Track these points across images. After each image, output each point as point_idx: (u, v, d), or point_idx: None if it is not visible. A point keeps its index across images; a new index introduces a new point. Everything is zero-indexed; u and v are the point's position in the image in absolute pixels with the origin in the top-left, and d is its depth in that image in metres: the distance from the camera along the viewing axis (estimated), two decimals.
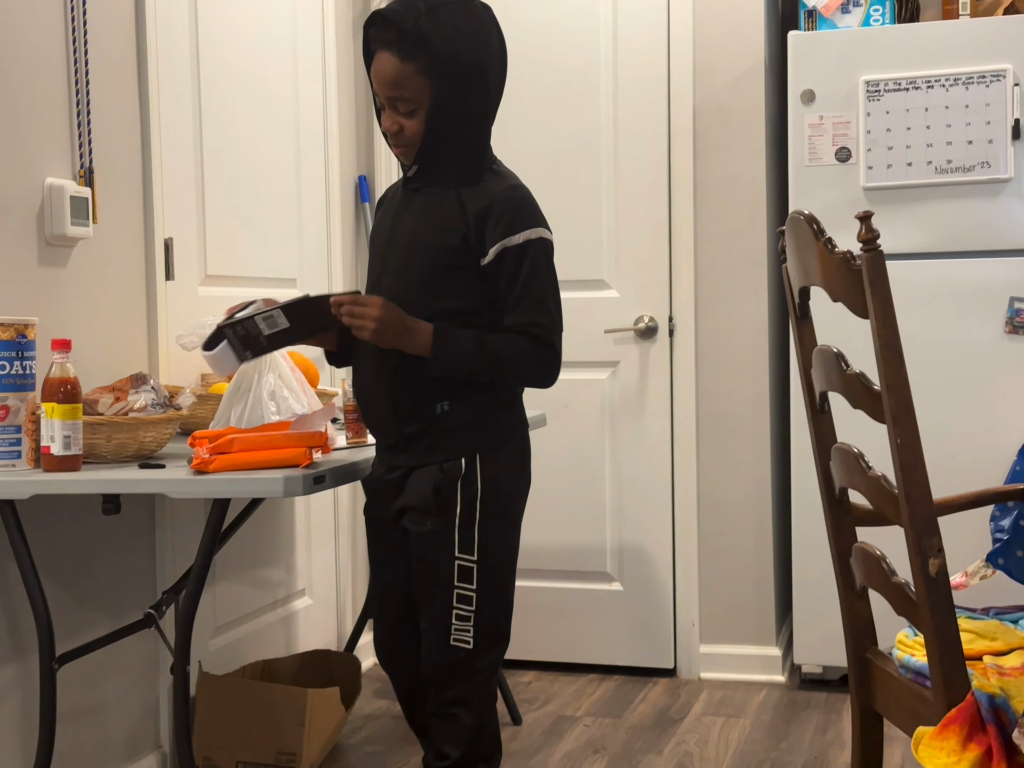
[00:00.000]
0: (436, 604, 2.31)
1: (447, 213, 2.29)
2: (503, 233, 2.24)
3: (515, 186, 2.32)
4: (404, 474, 2.34)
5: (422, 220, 2.33)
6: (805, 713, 3.54)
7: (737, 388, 3.85)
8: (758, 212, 3.82)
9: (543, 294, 2.27)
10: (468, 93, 2.29)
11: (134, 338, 2.95)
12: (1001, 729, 1.77)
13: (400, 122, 2.30)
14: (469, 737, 2.30)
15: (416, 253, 2.31)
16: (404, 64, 2.25)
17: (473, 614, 2.29)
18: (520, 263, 2.25)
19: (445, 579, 2.29)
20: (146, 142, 2.97)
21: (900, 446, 1.80)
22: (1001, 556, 2.48)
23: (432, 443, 2.30)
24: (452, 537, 2.28)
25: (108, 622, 2.80)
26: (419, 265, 2.30)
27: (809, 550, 3.62)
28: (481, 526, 2.29)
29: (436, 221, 2.30)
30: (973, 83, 3.40)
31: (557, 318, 2.31)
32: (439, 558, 2.29)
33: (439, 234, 2.28)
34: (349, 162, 4.02)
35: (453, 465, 2.28)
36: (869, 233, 1.80)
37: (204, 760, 3.00)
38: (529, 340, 2.26)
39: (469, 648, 2.29)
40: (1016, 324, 3.38)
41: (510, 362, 2.27)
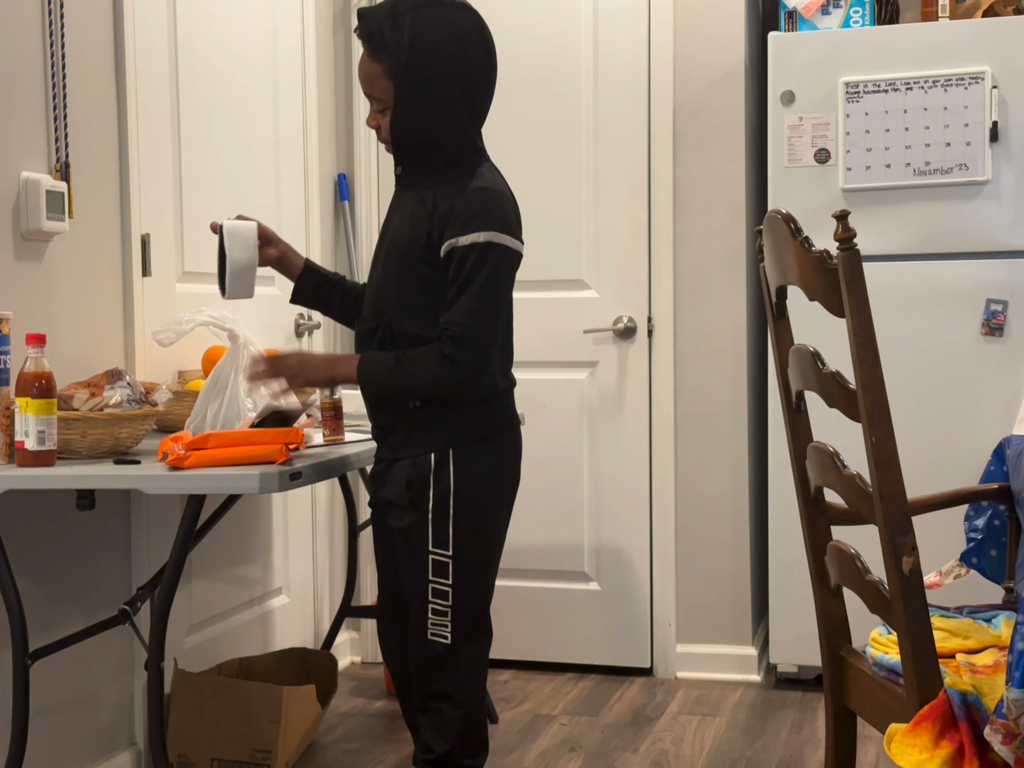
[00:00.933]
0: (415, 598, 2.33)
1: (421, 212, 2.31)
2: (456, 232, 2.25)
3: (486, 188, 2.31)
4: (386, 467, 2.38)
5: (403, 218, 2.36)
6: (780, 712, 3.55)
7: (715, 388, 3.86)
8: (737, 213, 3.82)
9: (475, 296, 2.25)
10: (428, 97, 2.30)
11: (110, 334, 2.94)
12: (973, 726, 1.78)
13: (378, 119, 2.37)
14: (455, 731, 2.32)
15: (395, 250, 2.35)
16: (372, 64, 2.32)
17: (450, 609, 2.30)
18: (463, 265, 2.25)
19: (421, 573, 2.30)
20: (123, 137, 2.96)
21: (875, 445, 1.80)
22: (975, 555, 2.49)
23: (405, 438, 2.33)
24: (426, 532, 2.30)
25: (82, 618, 2.78)
26: (394, 262, 2.35)
27: (786, 550, 3.63)
28: (455, 521, 2.29)
29: (412, 220, 2.33)
30: (952, 85, 3.42)
31: (484, 321, 2.27)
32: (415, 552, 2.32)
33: (412, 232, 2.31)
34: (328, 160, 4.01)
35: (424, 460, 2.30)
36: (845, 232, 1.81)
37: (179, 757, 2.99)
38: (438, 343, 2.26)
39: (447, 643, 2.30)
40: (992, 326, 3.40)
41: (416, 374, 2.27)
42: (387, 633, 2.54)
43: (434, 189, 2.31)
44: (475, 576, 2.34)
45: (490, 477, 2.35)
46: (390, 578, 2.50)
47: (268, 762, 2.98)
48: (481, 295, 2.25)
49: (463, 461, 2.30)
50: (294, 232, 3.78)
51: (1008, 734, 1.69)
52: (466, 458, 2.31)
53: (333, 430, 2.66)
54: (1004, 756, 1.70)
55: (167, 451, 2.28)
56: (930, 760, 1.75)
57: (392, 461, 2.36)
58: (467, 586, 2.32)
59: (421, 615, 2.32)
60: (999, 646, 2.07)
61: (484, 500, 2.34)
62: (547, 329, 3.97)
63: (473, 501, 2.31)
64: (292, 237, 3.77)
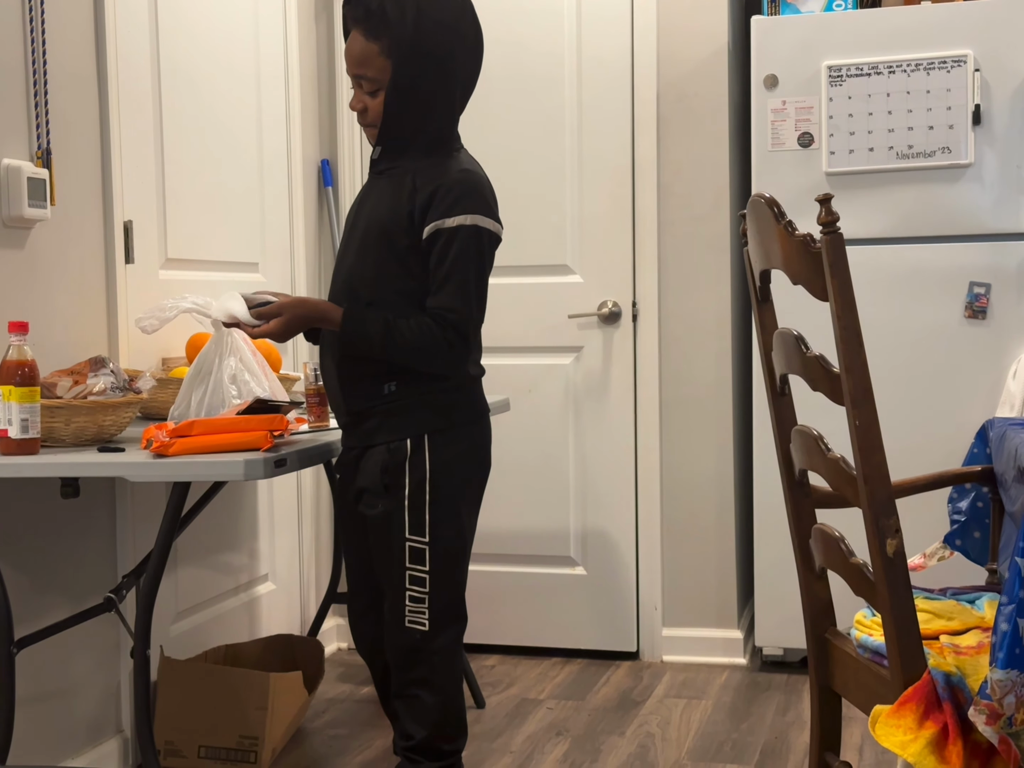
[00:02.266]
0: (391, 586, 2.32)
1: (401, 195, 2.30)
2: (440, 214, 2.25)
3: (468, 171, 2.31)
4: (359, 455, 2.36)
5: (381, 202, 2.34)
6: (766, 695, 3.56)
7: (700, 373, 3.86)
8: (721, 197, 3.83)
9: (466, 281, 2.26)
10: (428, 78, 2.29)
11: (93, 321, 2.93)
12: (957, 707, 1.79)
13: (365, 101, 2.33)
14: (433, 718, 2.31)
15: (372, 234, 2.33)
16: (368, 43, 2.27)
17: (427, 596, 2.30)
18: (449, 246, 2.25)
19: (397, 561, 2.30)
20: (104, 123, 2.95)
21: (858, 428, 1.81)
22: (959, 537, 2.50)
23: (379, 423, 2.32)
24: (403, 519, 2.29)
25: (68, 606, 2.78)
26: (373, 246, 2.32)
27: (771, 534, 3.65)
28: (432, 508, 2.29)
29: (391, 203, 2.31)
30: (934, 68, 3.42)
31: (475, 307, 2.29)
32: (391, 540, 2.31)
33: (392, 216, 2.30)
34: (312, 146, 4.00)
35: (399, 446, 2.29)
36: (829, 216, 1.81)
37: (166, 744, 2.99)
38: (438, 325, 2.25)
39: (425, 630, 2.30)
40: (975, 309, 3.41)
41: (416, 347, 2.26)
42: (360, 624, 2.52)
43: (413, 173, 2.30)
44: (451, 562, 2.34)
45: (464, 463, 2.35)
46: (361, 568, 2.47)
47: (255, 748, 2.98)
48: (474, 281, 2.27)
49: (438, 447, 2.30)
50: (277, 219, 3.77)
51: (992, 715, 1.70)
52: (441, 444, 2.30)
53: (318, 416, 2.65)
54: (988, 736, 1.72)
55: (151, 438, 2.28)
56: (914, 741, 1.76)
57: (365, 448, 2.34)
58: (443, 573, 2.31)
59: (398, 603, 2.31)
60: (983, 627, 2.08)
61: (459, 486, 2.35)
62: (532, 314, 3.97)
63: (448, 487, 2.31)
64: (276, 223, 3.76)
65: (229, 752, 2.99)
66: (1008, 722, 1.69)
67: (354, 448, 2.38)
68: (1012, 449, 2.23)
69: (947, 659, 1.89)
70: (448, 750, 2.35)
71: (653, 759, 3.09)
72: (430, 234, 2.26)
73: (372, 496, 2.33)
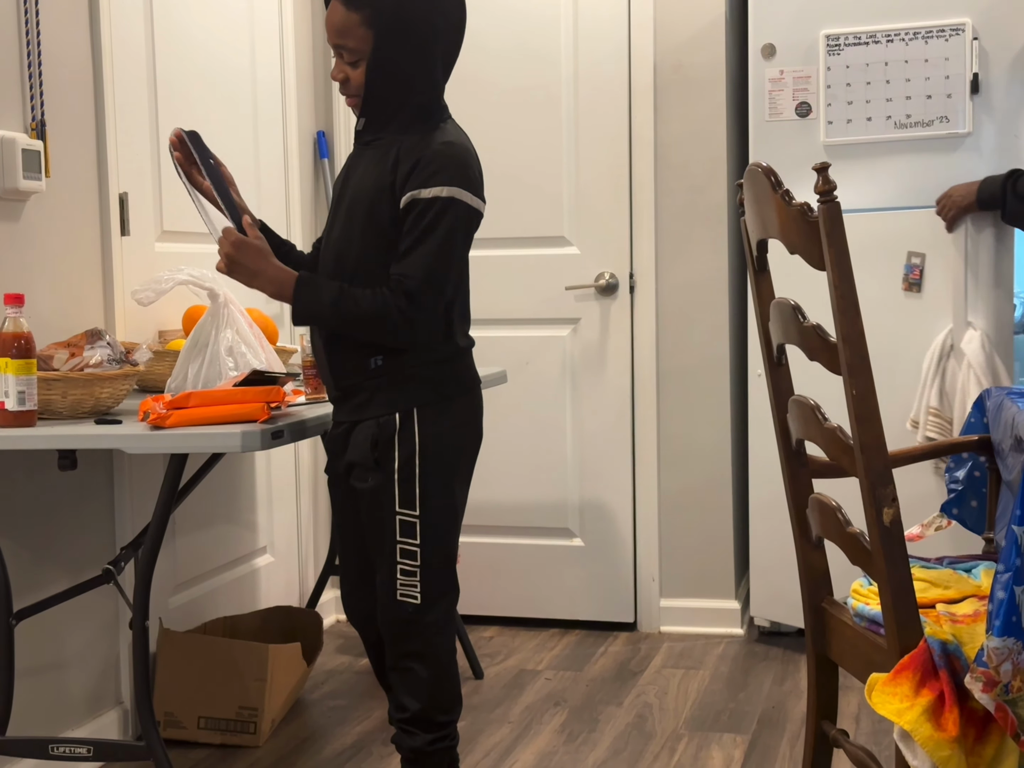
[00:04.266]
0: (383, 560, 2.32)
1: (385, 167, 2.27)
2: (419, 184, 2.22)
3: (450, 143, 2.27)
4: (348, 430, 2.35)
5: (367, 175, 2.32)
6: (763, 664, 3.58)
7: (697, 344, 3.86)
8: (718, 168, 3.81)
9: (430, 252, 2.22)
10: (410, 48, 2.27)
11: (89, 293, 2.92)
12: (953, 675, 1.80)
13: (346, 71, 2.31)
14: (427, 690, 2.32)
15: (357, 206, 2.31)
16: (349, 13, 2.24)
17: (418, 568, 2.29)
18: (422, 217, 2.21)
19: (388, 535, 2.29)
20: (99, 95, 2.93)
21: (855, 397, 1.81)
22: (955, 507, 2.51)
23: (368, 398, 2.30)
24: (392, 492, 2.28)
25: (67, 578, 2.78)
26: (359, 218, 2.30)
27: (767, 505, 3.65)
28: (422, 481, 2.28)
29: (375, 175, 2.29)
30: (932, 37, 3.41)
31: (436, 278, 2.24)
32: (382, 514, 2.30)
33: (376, 187, 2.27)
34: (307, 117, 3.98)
35: (388, 420, 2.28)
36: (826, 184, 1.80)
37: (165, 715, 3.00)
38: (391, 292, 2.22)
39: (417, 603, 2.30)
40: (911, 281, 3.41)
41: (367, 314, 2.22)
42: (352, 597, 2.51)
43: (398, 144, 2.28)
44: (442, 535, 2.33)
45: (454, 436, 2.34)
46: (353, 543, 2.46)
47: (255, 719, 3.00)
48: (437, 251, 2.22)
49: (427, 420, 2.29)
50: (273, 191, 3.76)
51: (988, 682, 1.71)
52: (430, 417, 2.29)
53: (315, 388, 2.65)
54: (984, 704, 1.72)
55: (148, 410, 2.28)
56: (910, 709, 1.77)
57: (355, 423, 2.33)
58: (434, 545, 2.31)
59: (389, 576, 2.31)
60: (979, 596, 2.09)
61: (449, 459, 2.33)
62: (529, 286, 3.96)
63: (438, 460, 2.30)
64: (271, 195, 3.75)
65: (228, 723, 3.01)
66: (1004, 689, 1.70)
67: (343, 423, 2.37)
68: (1009, 418, 2.23)
69: (943, 627, 1.90)
70: (443, 721, 2.36)
71: (651, 729, 3.10)
72: (406, 204, 2.23)
73: (362, 470, 2.31)
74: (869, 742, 2.93)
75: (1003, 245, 3.36)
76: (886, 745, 2.89)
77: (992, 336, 3.35)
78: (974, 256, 3.34)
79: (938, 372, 3.33)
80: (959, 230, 3.35)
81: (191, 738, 3.01)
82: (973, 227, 3.33)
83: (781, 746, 2.96)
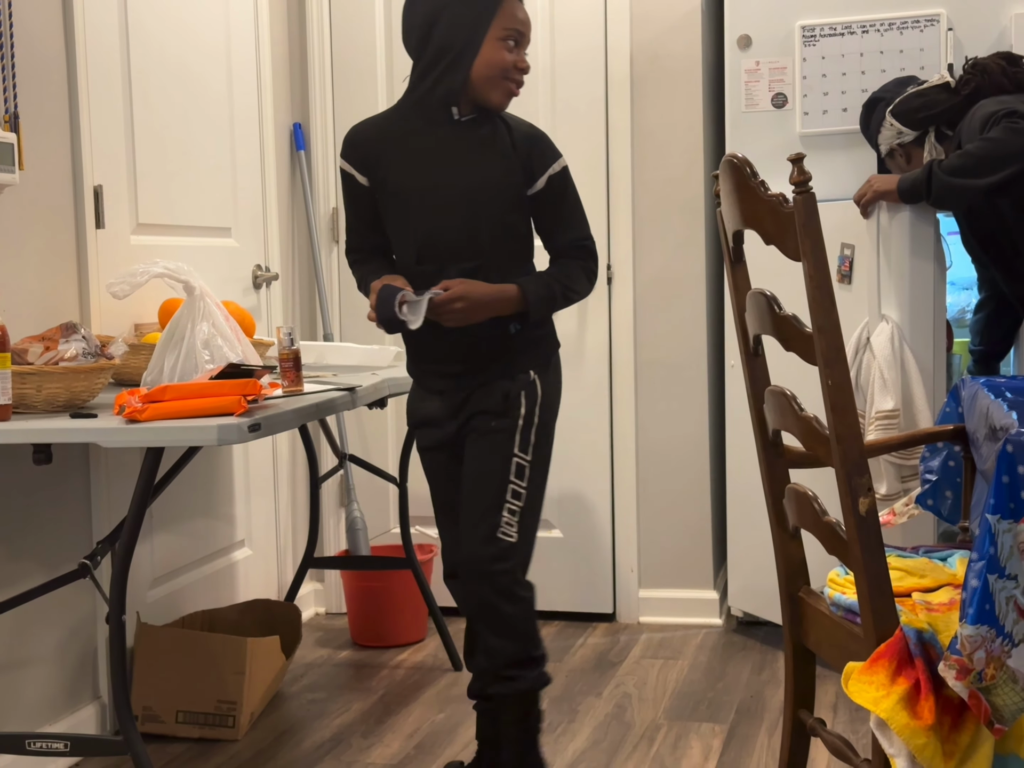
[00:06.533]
0: (488, 498, 2.46)
1: (503, 152, 2.47)
2: (549, 161, 2.50)
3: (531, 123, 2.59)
4: (468, 395, 2.52)
5: (481, 162, 2.48)
6: (741, 654, 3.59)
7: (675, 335, 3.87)
8: (695, 159, 3.82)
9: (582, 212, 2.57)
10: None
11: (64, 287, 2.91)
12: (929, 663, 1.80)
13: None
14: (519, 626, 2.45)
15: (483, 194, 2.47)
16: None
17: (520, 509, 2.46)
18: (565, 187, 2.53)
19: (503, 474, 2.46)
20: (73, 87, 2.91)
21: (831, 387, 1.81)
22: (930, 497, 2.51)
23: (509, 360, 2.51)
24: (514, 435, 2.48)
25: (43, 573, 2.77)
26: (487, 206, 2.46)
27: (745, 496, 3.66)
28: (537, 429, 2.51)
29: (494, 162, 2.47)
30: (907, 28, 3.41)
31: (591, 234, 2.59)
32: (499, 454, 2.47)
33: (505, 173, 2.47)
34: (284, 109, 3.97)
35: (522, 376, 2.51)
36: (801, 175, 1.80)
37: (144, 710, 3.00)
38: (579, 259, 2.54)
39: (513, 541, 2.44)
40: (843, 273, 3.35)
41: (576, 289, 2.54)
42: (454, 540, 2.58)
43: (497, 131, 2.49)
44: (540, 481, 2.52)
45: (555, 390, 2.59)
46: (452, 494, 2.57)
47: (233, 713, 2.99)
48: (582, 212, 2.57)
49: (543, 378, 2.53)
50: (249, 183, 3.74)
51: (962, 669, 1.72)
52: (545, 375, 2.55)
53: (292, 381, 2.64)
54: (958, 691, 1.73)
55: (124, 404, 2.27)
56: (886, 697, 1.78)
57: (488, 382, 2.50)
58: (535, 490, 2.50)
59: (494, 514, 2.44)
60: (954, 584, 2.10)
61: (554, 413, 2.58)
62: None
63: (547, 413, 2.54)
64: (247, 188, 3.73)
65: (207, 716, 3.00)
66: (978, 677, 1.71)
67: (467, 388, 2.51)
68: (984, 408, 2.24)
69: (919, 616, 1.91)
70: (537, 656, 2.49)
71: (630, 719, 3.11)
72: (547, 181, 2.49)
73: (488, 416, 2.49)
74: (846, 731, 2.94)
75: (921, 235, 3.19)
76: (863, 733, 2.91)
77: (906, 329, 3.19)
78: (887, 247, 3.22)
79: (853, 365, 3.21)
80: (872, 220, 3.24)
81: (169, 732, 3.00)
82: (887, 217, 3.21)
83: (759, 735, 2.98)
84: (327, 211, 4.04)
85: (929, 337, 3.23)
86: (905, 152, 3.21)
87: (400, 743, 3.00)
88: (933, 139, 3.15)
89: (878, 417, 3.10)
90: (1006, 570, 1.69)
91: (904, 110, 3.16)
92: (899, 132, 3.18)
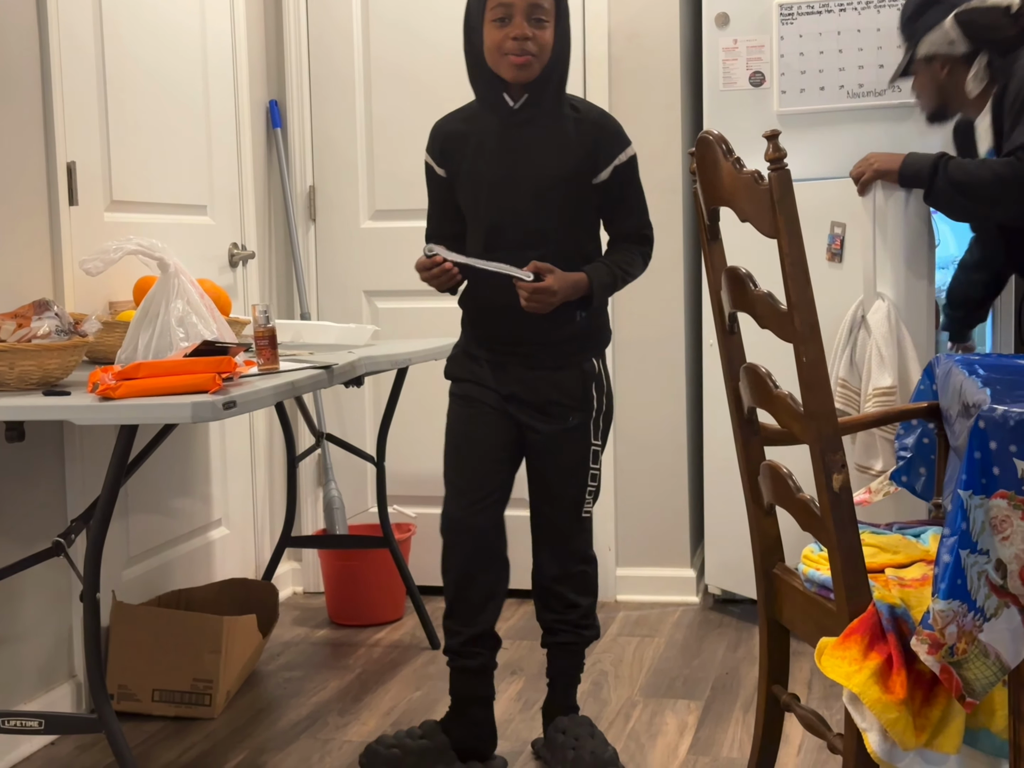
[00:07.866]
0: (573, 485, 2.66)
1: (569, 141, 2.52)
2: (616, 151, 2.56)
3: (602, 109, 2.65)
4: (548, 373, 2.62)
5: (548, 151, 2.53)
6: (717, 631, 3.61)
7: (652, 315, 3.87)
8: (673, 138, 3.81)
9: (644, 201, 2.67)
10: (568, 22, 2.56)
11: (36, 264, 2.89)
12: (901, 638, 1.81)
13: (533, 32, 2.47)
14: (593, 586, 2.75)
15: (550, 185, 2.54)
16: None
17: (595, 488, 2.71)
18: (631, 176, 2.60)
19: (584, 462, 2.66)
20: (45, 62, 2.88)
21: (805, 364, 1.82)
22: (904, 474, 2.52)
23: (577, 347, 2.63)
24: (590, 427, 2.66)
25: (17, 550, 2.76)
26: (556, 196, 2.53)
27: (721, 474, 3.67)
28: (604, 417, 2.69)
29: (561, 151, 2.52)
30: (884, 7, 3.41)
31: None
32: (581, 445, 2.65)
33: (570, 163, 2.55)
34: (259, 86, 3.94)
35: (591, 365, 2.64)
36: (776, 152, 1.80)
37: (119, 688, 2.99)
38: (636, 245, 2.64)
39: (590, 516, 2.72)
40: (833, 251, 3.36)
41: (633, 274, 2.64)
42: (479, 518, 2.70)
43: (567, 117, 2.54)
44: (601, 460, 2.71)
45: (609, 376, 2.72)
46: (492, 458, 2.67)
47: (210, 691, 2.99)
48: (644, 201, 2.67)
49: (604, 364, 2.69)
50: (225, 160, 3.72)
51: (934, 644, 1.73)
52: (603, 360, 2.69)
53: (268, 359, 2.63)
54: (930, 665, 1.74)
55: (97, 382, 2.25)
56: (859, 672, 1.79)
57: (556, 368, 2.61)
58: (600, 469, 2.71)
59: (579, 497, 2.67)
60: (927, 560, 2.11)
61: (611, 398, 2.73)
62: None
63: (610, 398, 2.71)
64: (223, 164, 3.71)
65: (183, 695, 3.00)
66: (950, 651, 1.72)
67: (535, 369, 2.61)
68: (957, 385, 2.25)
69: (892, 591, 1.92)
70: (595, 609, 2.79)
71: (606, 696, 3.12)
72: (614, 170, 2.55)
73: (567, 409, 2.62)
74: (820, 706, 2.96)
75: (915, 215, 3.21)
76: (837, 709, 2.93)
77: (901, 307, 3.21)
78: (883, 225, 3.22)
79: (848, 343, 3.24)
80: (868, 198, 3.22)
81: (145, 711, 3.00)
82: (883, 195, 3.19)
83: (734, 711, 2.99)
84: (304, 189, 4.02)
85: (923, 315, 3.27)
86: (948, 64, 3.02)
87: (376, 721, 3.01)
88: (985, 63, 2.97)
89: (876, 393, 3.12)
90: (978, 545, 1.70)
91: (970, 20, 2.95)
92: (951, 41, 2.97)
